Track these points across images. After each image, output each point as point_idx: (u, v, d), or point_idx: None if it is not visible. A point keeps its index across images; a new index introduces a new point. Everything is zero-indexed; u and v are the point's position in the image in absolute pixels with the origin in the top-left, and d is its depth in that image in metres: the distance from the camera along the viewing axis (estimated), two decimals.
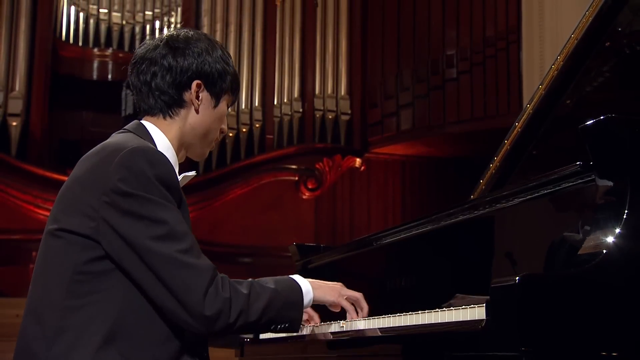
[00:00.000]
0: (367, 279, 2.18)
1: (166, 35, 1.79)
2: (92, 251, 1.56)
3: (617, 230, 1.27)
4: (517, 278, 1.22)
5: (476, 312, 1.35)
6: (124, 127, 1.74)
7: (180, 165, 1.80)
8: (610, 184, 1.32)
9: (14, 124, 7.21)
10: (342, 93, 7.80)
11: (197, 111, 1.76)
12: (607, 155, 1.33)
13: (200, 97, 1.76)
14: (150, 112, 1.76)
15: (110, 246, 1.55)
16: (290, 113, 7.72)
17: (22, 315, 1.63)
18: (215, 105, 1.79)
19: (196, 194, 7.17)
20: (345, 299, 1.80)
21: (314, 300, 1.75)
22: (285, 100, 7.74)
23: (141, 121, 1.77)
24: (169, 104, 1.74)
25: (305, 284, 1.74)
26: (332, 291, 1.80)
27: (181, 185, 1.80)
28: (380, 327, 1.63)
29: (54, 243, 1.60)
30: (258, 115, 7.69)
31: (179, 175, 1.77)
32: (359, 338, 1.69)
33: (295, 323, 1.69)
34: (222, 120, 1.83)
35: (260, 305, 1.61)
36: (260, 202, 7.51)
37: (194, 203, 7.07)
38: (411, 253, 1.96)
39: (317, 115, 7.73)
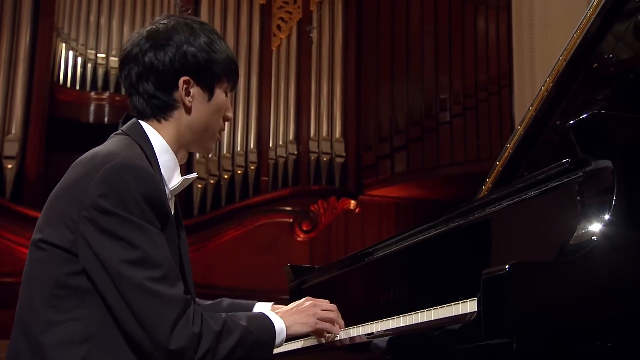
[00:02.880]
0: (362, 293, 2.18)
1: (147, 29, 1.71)
2: (72, 265, 1.52)
3: (606, 218, 1.29)
4: (506, 267, 1.23)
5: (468, 306, 1.35)
6: (121, 129, 1.70)
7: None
8: (598, 176, 1.34)
9: (9, 166, 7.23)
10: (337, 136, 7.87)
11: (189, 110, 1.68)
12: (594, 148, 1.36)
13: (191, 93, 1.67)
14: (143, 116, 1.70)
15: (85, 262, 1.51)
16: (285, 155, 7.77)
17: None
18: (210, 98, 1.70)
19: (190, 236, 7.12)
20: (322, 319, 1.76)
21: (287, 338, 1.69)
22: (280, 143, 7.80)
23: (139, 121, 1.70)
24: (159, 107, 1.67)
25: (279, 322, 1.67)
26: (307, 320, 1.73)
27: (182, 188, 1.76)
28: (375, 331, 1.63)
29: (37, 255, 1.58)
30: (253, 157, 7.73)
31: (180, 177, 1.73)
32: (354, 344, 1.69)
33: None
34: (222, 110, 1.73)
35: (230, 344, 1.54)
36: (254, 244, 7.50)
37: (188, 245, 7.03)
38: (404, 264, 1.97)
39: (312, 158, 7.78)
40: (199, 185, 7.51)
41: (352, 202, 7.78)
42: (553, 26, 5.76)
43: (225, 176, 7.60)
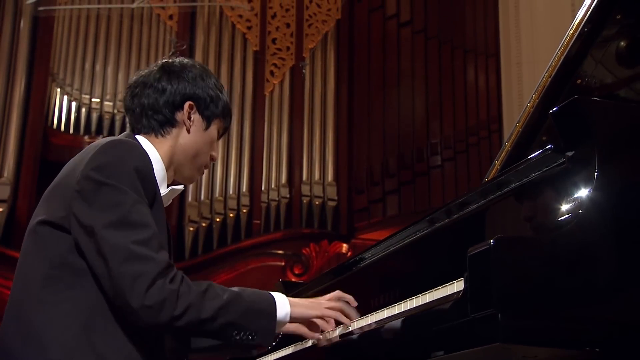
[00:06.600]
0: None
1: (162, 62, 1.86)
2: (66, 242, 1.56)
3: (589, 198, 1.31)
4: (491, 241, 1.25)
5: (455, 286, 1.37)
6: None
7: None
8: (580, 160, 1.37)
9: (1, 210, 7.22)
10: (329, 179, 7.90)
11: (188, 131, 1.80)
12: (575, 133, 1.39)
13: (192, 118, 1.81)
14: (142, 131, 1.81)
15: (76, 235, 1.55)
16: (277, 199, 7.78)
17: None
18: (206, 128, 1.83)
19: None
20: (330, 308, 1.79)
21: (292, 316, 1.69)
22: (272, 186, 7.83)
23: (134, 135, 1.80)
24: (161, 123, 1.79)
25: (281, 297, 1.69)
26: (315, 305, 1.78)
27: (169, 200, 1.83)
28: (364, 325, 1.64)
29: (34, 238, 1.62)
30: (245, 200, 7.74)
31: (167, 188, 1.80)
32: (344, 342, 1.68)
33: (264, 334, 1.61)
34: (213, 145, 1.87)
35: (215, 304, 1.55)
36: (246, 287, 7.43)
37: None
38: (393, 268, 1.98)
39: (304, 201, 7.79)
40: (191, 229, 7.49)
41: (344, 245, 7.76)
42: (540, 64, 5.86)
43: (218, 219, 7.59)
